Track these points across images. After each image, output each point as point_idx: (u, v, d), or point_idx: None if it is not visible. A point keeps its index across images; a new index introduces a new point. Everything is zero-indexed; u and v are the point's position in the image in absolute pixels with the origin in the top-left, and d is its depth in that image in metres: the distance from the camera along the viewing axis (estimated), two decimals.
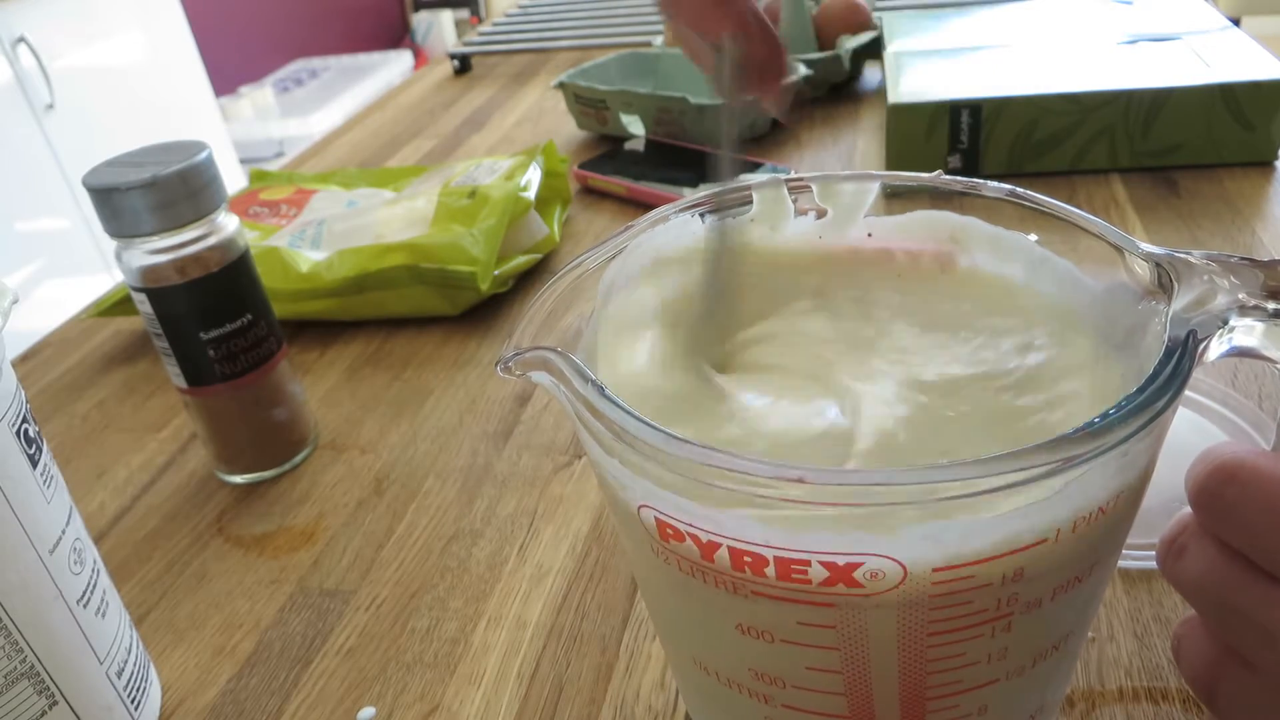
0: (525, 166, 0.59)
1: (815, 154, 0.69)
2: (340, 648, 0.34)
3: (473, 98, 0.94)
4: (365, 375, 0.50)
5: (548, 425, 0.45)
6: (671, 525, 0.20)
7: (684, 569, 0.21)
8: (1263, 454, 0.20)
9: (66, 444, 0.48)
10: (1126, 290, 0.23)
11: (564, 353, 0.21)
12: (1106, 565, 0.22)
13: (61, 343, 0.58)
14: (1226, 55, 0.60)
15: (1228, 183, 0.57)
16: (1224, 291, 0.21)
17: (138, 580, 0.39)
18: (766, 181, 0.28)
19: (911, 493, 0.17)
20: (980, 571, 0.18)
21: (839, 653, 0.20)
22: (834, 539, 0.18)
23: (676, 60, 0.81)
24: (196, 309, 0.39)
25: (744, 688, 0.22)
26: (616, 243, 0.26)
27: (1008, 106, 0.59)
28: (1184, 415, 0.37)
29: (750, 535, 0.19)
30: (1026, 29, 0.72)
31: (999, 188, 0.26)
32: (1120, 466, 0.19)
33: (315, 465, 0.44)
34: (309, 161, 0.84)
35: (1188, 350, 0.19)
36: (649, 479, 0.20)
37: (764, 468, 0.18)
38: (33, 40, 1.72)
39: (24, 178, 1.70)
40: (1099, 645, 0.30)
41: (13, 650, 0.26)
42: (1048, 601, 0.20)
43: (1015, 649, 0.21)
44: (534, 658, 0.33)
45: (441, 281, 0.52)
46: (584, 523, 0.38)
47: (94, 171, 0.37)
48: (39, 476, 0.28)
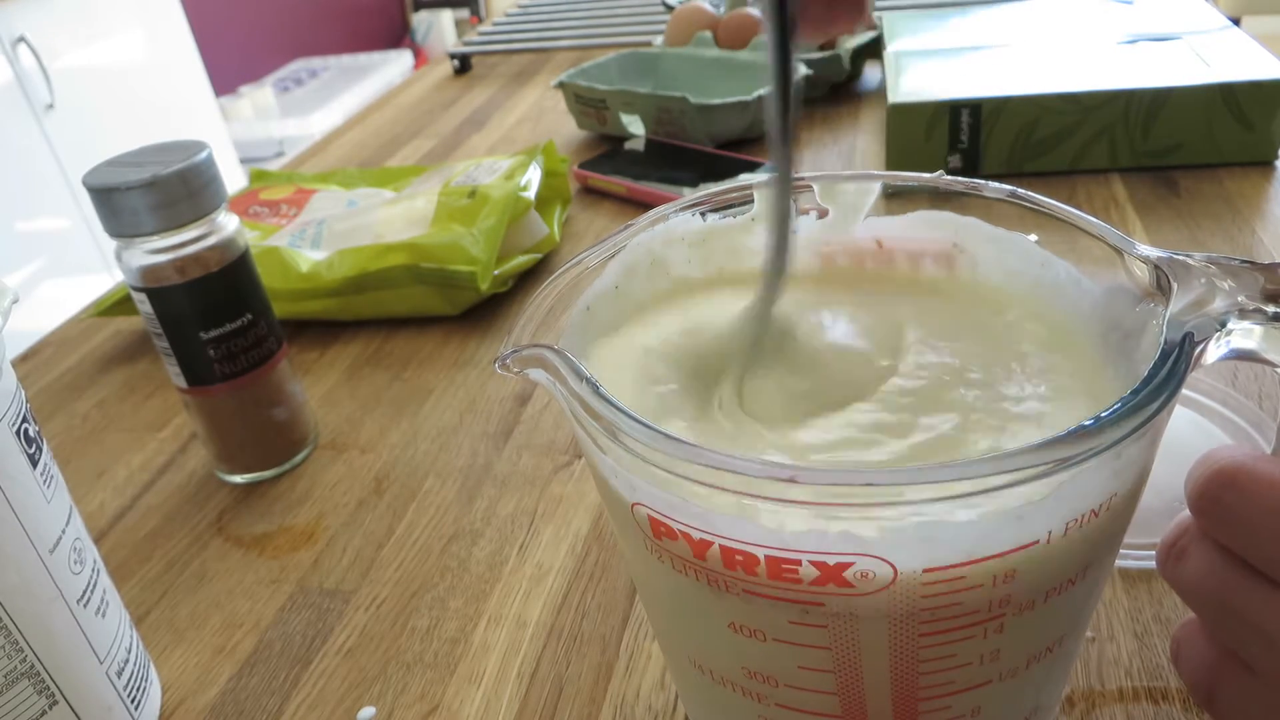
0: (525, 166, 0.59)
1: (815, 154, 0.69)
2: (340, 647, 0.34)
3: (473, 98, 0.94)
4: (365, 375, 0.50)
5: (548, 425, 0.45)
6: (664, 523, 0.20)
7: (677, 567, 0.21)
8: (1262, 458, 0.20)
9: (66, 444, 0.48)
10: (1125, 292, 0.23)
11: (561, 350, 0.21)
12: (1101, 567, 0.21)
13: (61, 343, 0.58)
14: (1226, 55, 0.60)
15: (1228, 183, 0.57)
16: (1223, 294, 0.21)
17: (138, 580, 0.39)
18: (768, 181, 0.28)
19: (903, 493, 0.17)
20: (971, 573, 0.18)
21: (830, 652, 0.20)
22: (824, 539, 0.18)
23: (676, 60, 0.81)
24: (196, 309, 0.39)
25: (738, 686, 0.23)
26: (616, 241, 0.26)
27: (1008, 106, 0.59)
28: (1184, 415, 0.37)
29: (741, 534, 0.19)
30: (1026, 29, 0.72)
31: (1000, 188, 0.26)
32: (1114, 469, 0.19)
33: (315, 465, 0.44)
34: (309, 161, 0.84)
35: (1183, 353, 0.19)
36: (642, 477, 0.20)
37: (755, 466, 0.18)
38: (33, 40, 1.72)
39: (24, 178, 1.70)
40: (1099, 645, 0.30)
41: (13, 650, 0.26)
42: (1040, 603, 0.20)
43: (1008, 650, 0.21)
44: (534, 658, 0.33)
45: (441, 281, 0.52)
46: (584, 523, 0.38)
47: (94, 171, 0.37)
48: (39, 476, 0.28)
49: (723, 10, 0.85)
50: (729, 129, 0.70)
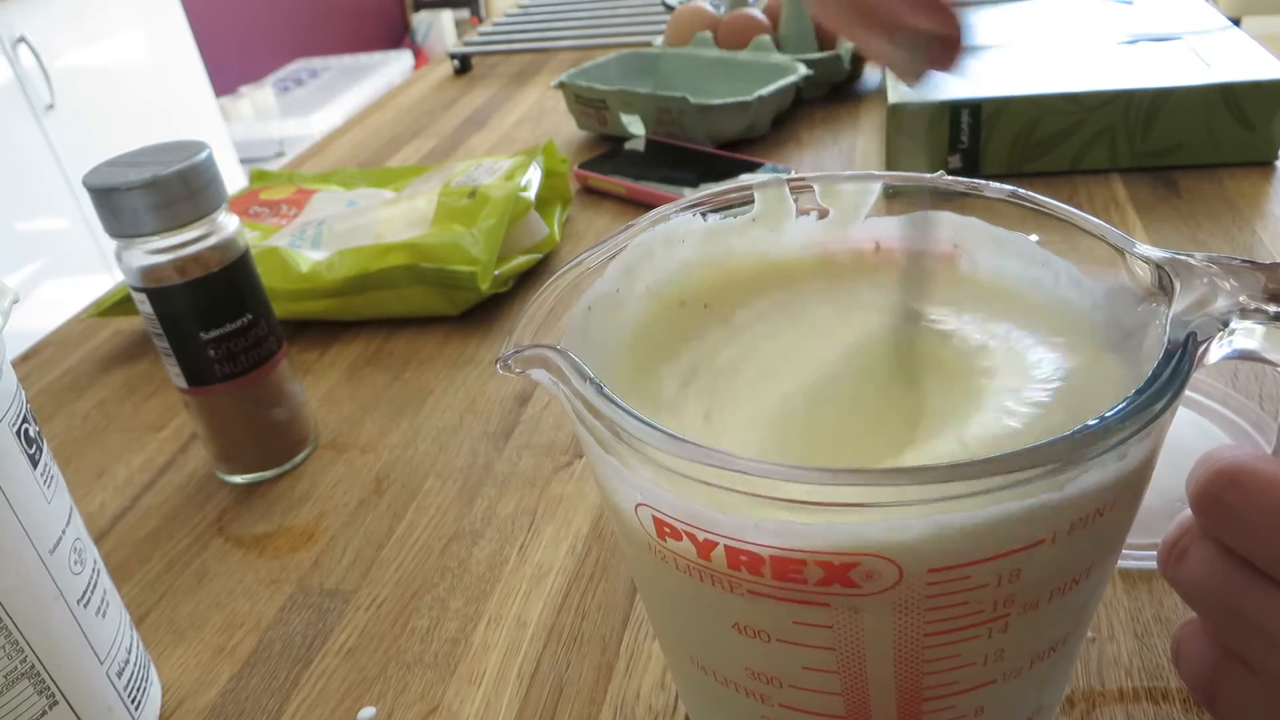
0: (525, 166, 0.59)
1: (815, 154, 0.69)
2: (340, 648, 0.34)
3: (473, 98, 0.94)
4: (365, 375, 0.50)
5: (548, 425, 0.45)
6: (669, 524, 0.20)
7: (681, 568, 0.21)
8: (1264, 458, 0.20)
9: (66, 444, 0.48)
10: (1127, 292, 0.23)
11: (564, 350, 0.21)
12: (1104, 567, 0.22)
13: (61, 343, 0.58)
14: (1226, 55, 0.60)
15: (1228, 183, 0.57)
16: (1225, 294, 0.21)
17: (138, 580, 0.39)
18: (768, 181, 0.28)
19: (908, 493, 0.17)
20: (976, 572, 0.18)
21: (835, 653, 0.20)
22: (830, 539, 0.18)
23: (676, 60, 0.81)
24: (197, 309, 0.39)
25: (741, 687, 0.23)
26: (616, 242, 0.26)
27: (1008, 106, 0.59)
28: (1185, 415, 0.37)
29: (747, 534, 0.19)
30: (1026, 29, 0.72)
31: (1000, 188, 0.26)
32: (1118, 469, 0.19)
33: (315, 465, 0.44)
34: (309, 161, 0.84)
35: (1187, 352, 0.19)
36: (646, 477, 0.20)
37: (762, 467, 0.18)
38: (33, 40, 1.72)
39: (24, 178, 1.70)
40: (1099, 645, 0.30)
41: (13, 650, 0.26)
42: (1045, 603, 0.20)
43: (1012, 650, 0.21)
44: (534, 658, 0.33)
45: (441, 281, 0.52)
46: (584, 523, 0.38)
47: (94, 171, 0.37)
48: (39, 476, 0.28)
49: (723, 10, 0.85)
50: (729, 129, 0.70)
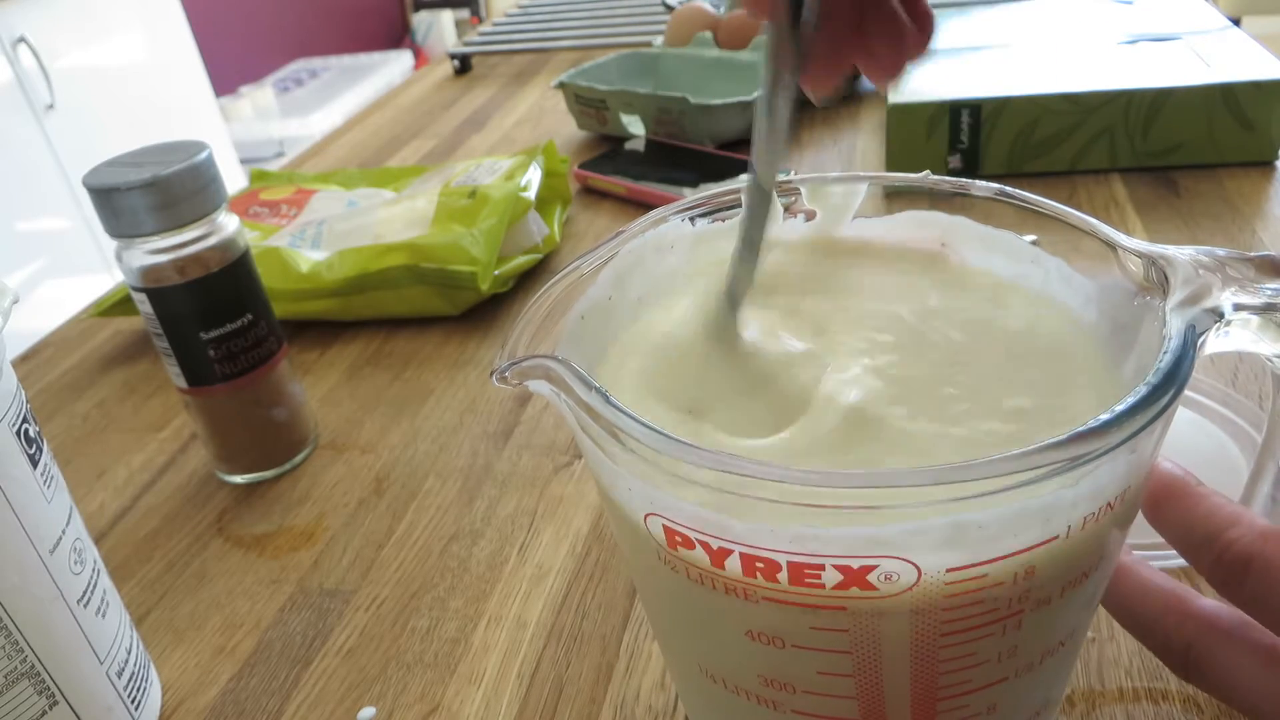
0: (525, 166, 0.59)
1: (815, 154, 0.69)
2: (340, 648, 0.34)
3: (473, 98, 0.94)
4: (365, 375, 0.50)
5: (548, 425, 0.45)
6: (680, 533, 0.19)
7: (693, 577, 0.20)
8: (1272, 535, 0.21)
9: (66, 444, 0.48)
10: (1120, 287, 0.23)
11: (565, 360, 0.21)
12: (1112, 560, 0.22)
13: (61, 343, 0.58)
14: (1226, 55, 0.60)
15: (1228, 183, 0.57)
16: (1216, 286, 0.21)
17: (138, 580, 0.39)
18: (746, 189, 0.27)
19: (925, 494, 0.17)
20: (993, 570, 0.18)
21: (851, 656, 0.20)
22: (848, 542, 0.18)
23: (676, 61, 0.81)
24: (196, 309, 0.39)
25: (752, 694, 0.22)
26: (611, 246, 0.26)
27: (1008, 106, 0.59)
28: (1184, 415, 0.37)
29: (763, 541, 0.18)
30: (1026, 29, 0.72)
31: (988, 187, 0.26)
32: (1129, 461, 0.19)
33: (315, 465, 0.44)
34: (309, 161, 0.84)
35: (1190, 343, 0.20)
36: (656, 486, 0.19)
37: (779, 472, 0.17)
38: (33, 40, 1.72)
39: (24, 178, 1.70)
40: (1099, 645, 0.30)
41: (13, 650, 0.26)
42: (1057, 598, 0.20)
43: (1025, 646, 0.21)
44: (534, 658, 0.33)
45: (442, 281, 0.52)
46: (584, 522, 0.38)
47: (94, 171, 0.37)
48: (39, 476, 0.28)
49: (723, 10, 0.85)
50: (729, 129, 0.70)
